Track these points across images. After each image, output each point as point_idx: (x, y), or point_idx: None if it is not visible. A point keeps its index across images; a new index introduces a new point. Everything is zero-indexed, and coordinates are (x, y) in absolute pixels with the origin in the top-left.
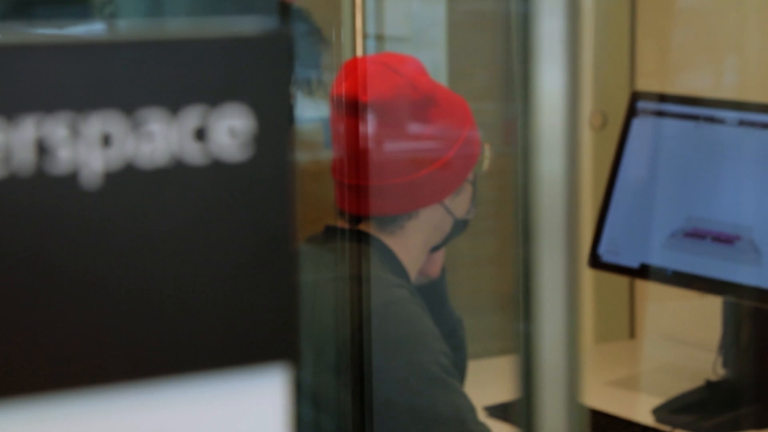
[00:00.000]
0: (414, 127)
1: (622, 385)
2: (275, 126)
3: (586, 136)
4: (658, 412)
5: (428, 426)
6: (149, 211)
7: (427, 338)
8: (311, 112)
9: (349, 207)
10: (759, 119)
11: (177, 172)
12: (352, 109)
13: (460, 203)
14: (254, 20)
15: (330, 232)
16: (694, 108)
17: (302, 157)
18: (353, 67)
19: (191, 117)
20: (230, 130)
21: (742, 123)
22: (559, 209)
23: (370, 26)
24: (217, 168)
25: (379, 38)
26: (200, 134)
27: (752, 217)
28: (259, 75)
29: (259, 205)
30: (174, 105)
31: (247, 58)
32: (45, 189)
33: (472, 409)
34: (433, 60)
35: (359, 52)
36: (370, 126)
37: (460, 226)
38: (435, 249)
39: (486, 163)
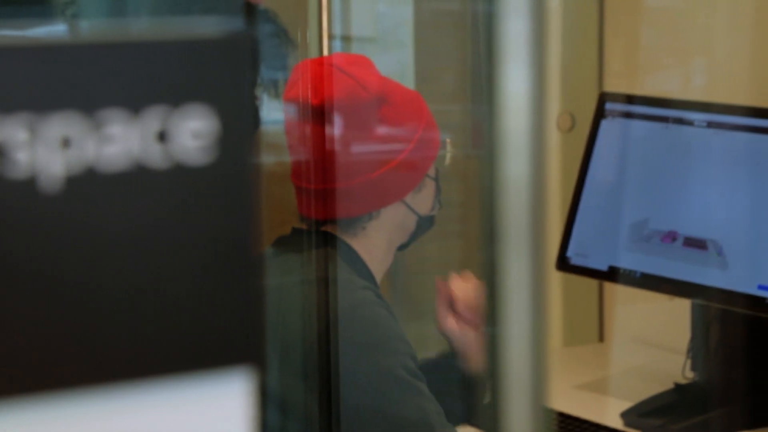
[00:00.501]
0: (367, 127)
1: (591, 388)
2: (239, 128)
3: (555, 138)
4: (627, 415)
5: (395, 429)
6: (110, 214)
7: (393, 341)
8: (278, 114)
9: (309, 211)
10: (727, 121)
11: (138, 174)
12: (304, 113)
13: (422, 200)
14: (218, 21)
15: (296, 235)
16: (662, 109)
17: (269, 159)
18: (304, 70)
19: (153, 119)
20: (193, 132)
21: (710, 124)
22: (524, 212)
23: (337, 27)
24: (180, 170)
25: (346, 39)
26: (162, 136)
27: (720, 219)
28: (222, 76)
29: (222, 208)
30: (135, 107)
31: (210, 60)
32: (3, 193)
33: (439, 412)
34: (401, 61)
35: (326, 53)
36: (323, 129)
37: (425, 223)
38: (402, 248)
39: (448, 158)
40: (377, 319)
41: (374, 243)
